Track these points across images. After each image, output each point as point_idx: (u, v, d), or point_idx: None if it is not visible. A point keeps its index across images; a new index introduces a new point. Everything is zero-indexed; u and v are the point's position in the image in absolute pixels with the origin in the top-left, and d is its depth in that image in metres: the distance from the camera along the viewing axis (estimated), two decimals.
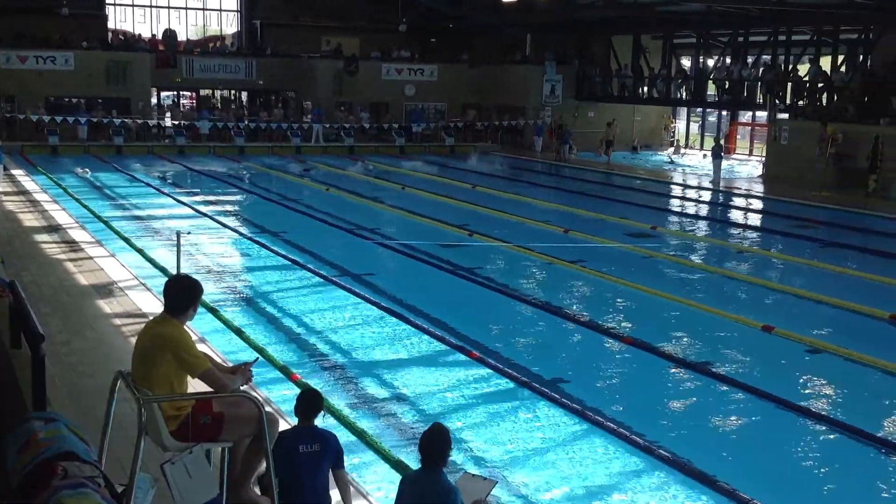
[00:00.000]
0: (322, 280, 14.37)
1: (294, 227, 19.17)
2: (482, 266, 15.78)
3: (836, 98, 28.70)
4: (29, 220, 17.69)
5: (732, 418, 9.52)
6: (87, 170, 26.87)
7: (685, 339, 12.04)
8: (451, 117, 39.21)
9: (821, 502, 7.79)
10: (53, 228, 16.64)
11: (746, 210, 24.35)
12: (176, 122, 35.25)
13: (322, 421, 5.61)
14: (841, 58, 31.06)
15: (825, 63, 30.97)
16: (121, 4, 40.56)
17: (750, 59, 33.77)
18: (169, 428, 5.05)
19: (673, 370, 10.68)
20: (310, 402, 5.52)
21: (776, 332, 11.78)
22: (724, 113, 39.32)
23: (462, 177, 28.04)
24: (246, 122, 35.73)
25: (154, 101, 37.95)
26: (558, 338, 12.14)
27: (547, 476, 7.78)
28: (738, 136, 40.58)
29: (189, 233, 15.68)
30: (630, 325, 12.42)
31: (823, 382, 10.51)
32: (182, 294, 5.31)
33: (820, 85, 29.75)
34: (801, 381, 10.42)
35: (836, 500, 7.81)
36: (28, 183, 23.44)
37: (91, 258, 13.98)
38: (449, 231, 18.96)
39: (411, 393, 9.71)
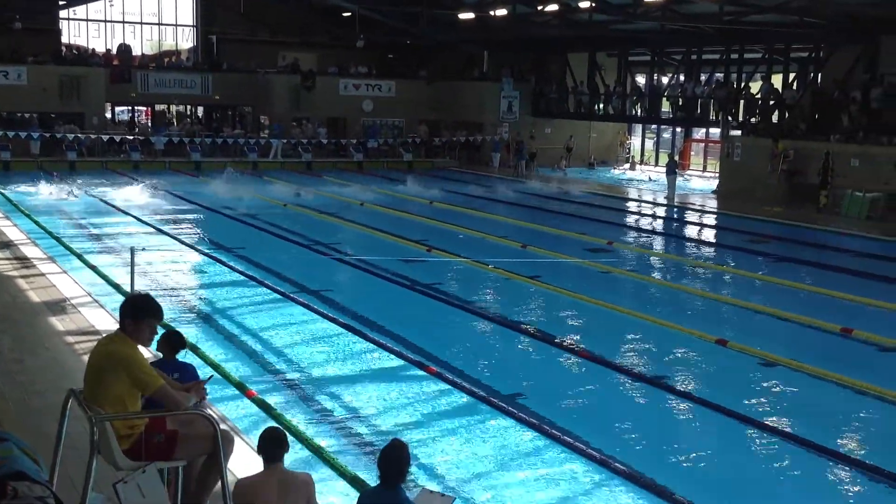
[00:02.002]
0: (280, 296, 14.26)
1: (251, 243, 19.03)
2: (441, 281, 15.80)
3: (787, 115, 29.21)
4: None
5: (688, 431, 9.62)
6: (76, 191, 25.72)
7: (641, 353, 12.15)
8: (408, 133, 39.26)
9: None
10: (4, 245, 16.35)
11: (701, 225, 24.65)
12: (131, 137, 34.88)
13: (184, 356, 6.48)
14: (792, 75, 31.69)
15: (777, 81, 31.55)
16: (74, 19, 40.15)
17: (703, 77, 34.32)
18: (122, 447, 4.99)
19: (629, 384, 10.76)
20: (172, 342, 6.34)
21: (730, 346, 11.92)
22: (678, 129, 39.85)
23: (420, 192, 28.03)
24: (202, 138, 35.41)
25: (108, 115, 37.53)
26: (516, 353, 12.19)
27: (505, 491, 7.79)
28: (692, 153, 41.11)
29: (144, 249, 15.49)
30: (587, 340, 12.49)
31: (777, 395, 10.65)
32: (138, 312, 5.24)
33: (772, 102, 30.26)
34: (755, 393, 10.54)
35: None
36: None
37: (43, 275, 13.75)
38: (407, 246, 18.95)
39: (369, 409, 9.68)
